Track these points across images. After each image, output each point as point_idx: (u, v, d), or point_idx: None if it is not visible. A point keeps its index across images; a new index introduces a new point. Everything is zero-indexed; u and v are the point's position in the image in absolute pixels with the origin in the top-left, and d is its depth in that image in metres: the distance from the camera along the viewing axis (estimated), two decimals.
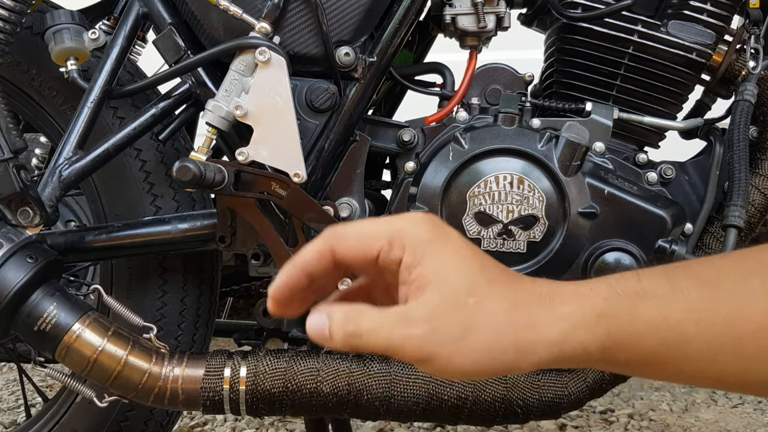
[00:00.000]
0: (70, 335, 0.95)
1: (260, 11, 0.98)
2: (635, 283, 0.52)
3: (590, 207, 0.94)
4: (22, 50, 1.14)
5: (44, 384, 2.17)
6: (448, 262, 0.52)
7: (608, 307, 0.52)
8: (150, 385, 0.97)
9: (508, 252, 0.96)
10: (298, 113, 1.00)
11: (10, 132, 0.99)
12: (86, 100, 1.04)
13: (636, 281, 0.52)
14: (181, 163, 0.89)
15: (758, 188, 1.01)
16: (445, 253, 0.52)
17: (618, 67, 1.03)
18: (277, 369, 0.99)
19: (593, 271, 0.95)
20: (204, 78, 1.03)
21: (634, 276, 0.53)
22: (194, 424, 1.93)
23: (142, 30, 1.12)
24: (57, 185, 1.03)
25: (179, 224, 1.11)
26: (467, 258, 0.53)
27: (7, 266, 0.95)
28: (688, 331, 0.51)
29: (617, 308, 0.51)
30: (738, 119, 0.98)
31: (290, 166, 0.96)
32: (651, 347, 0.52)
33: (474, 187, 0.96)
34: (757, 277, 0.51)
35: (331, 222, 0.98)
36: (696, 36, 1.01)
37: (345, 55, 1.01)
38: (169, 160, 1.15)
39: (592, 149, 1.00)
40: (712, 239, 1.02)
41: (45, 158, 1.64)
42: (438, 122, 1.06)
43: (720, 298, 0.51)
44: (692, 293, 0.51)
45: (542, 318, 0.51)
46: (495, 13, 1.04)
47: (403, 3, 1.02)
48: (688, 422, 1.85)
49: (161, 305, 1.18)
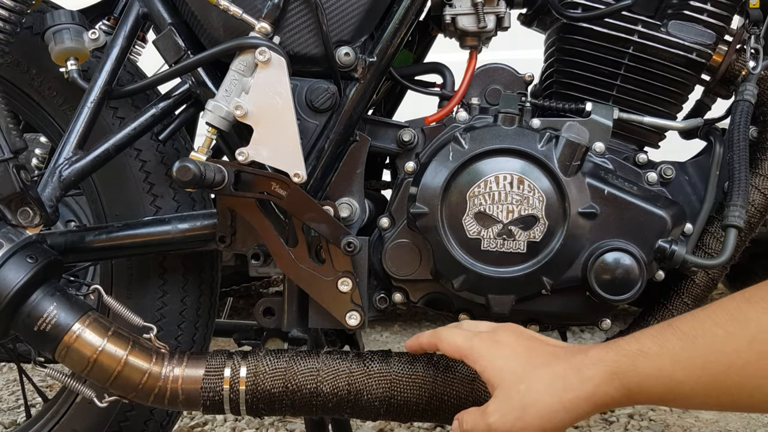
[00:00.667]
0: (70, 335, 0.95)
1: (260, 11, 0.98)
2: (635, 346, 0.73)
3: (590, 207, 0.94)
4: (22, 50, 1.14)
5: (44, 384, 2.17)
6: (503, 366, 0.78)
7: (617, 367, 0.72)
8: (150, 385, 0.97)
9: (508, 252, 0.96)
10: (298, 113, 1.00)
11: (10, 132, 0.99)
12: (86, 100, 1.04)
13: (636, 344, 0.73)
14: (181, 163, 0.89)
15: (758, 188, 1.01)
16: (501, 359, 0.79)
17: (618, 67, 1.03)
18: (277, 369, 0.99)
19: (593, 271, 0.95)
20: (204, 78, 1.03)
21: (635, 339, 0.73)
22: (194, 424, 1.93)
23: (142, 30, 1.12)
24: (57, 185, 1.03)
25: (179, 224, 1.11)
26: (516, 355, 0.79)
27: (7, 266, 0.95)
28: (678, 377, 0.70)
29: (624, 367, 0.72)
30: (738, 119, 0.98)
31: (290, 166, 0.96)
32: (656, 392, 0.71)
33: (474, 187, 0.96)
34: (721, 327, 0.68)
35: (331, 222, 0.98)
36: (696, 36, 1.01)
37: (345, 55, 1.01)
38: (169, 160, 1.15)
39: (592, 149, 1.00)
40: (712, 239, 1.02)
41: (45, 158, 1.64)
42: (438, 122, 1.06)
43: (696, 349, 0.69)
44: (676, 348, 0.70)
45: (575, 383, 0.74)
46: (495, 13, 1.04)
47: (403, 3, 1.02)
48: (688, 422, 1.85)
49: (161, 305, 1.18)
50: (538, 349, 0.80)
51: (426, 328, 2.90)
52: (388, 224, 1.03)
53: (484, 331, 0.85)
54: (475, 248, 0.96)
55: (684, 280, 1.04)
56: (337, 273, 1.01)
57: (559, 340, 0.85)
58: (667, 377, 0.70)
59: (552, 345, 0.81)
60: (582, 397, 0.73)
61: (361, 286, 1.02)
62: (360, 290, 1.02)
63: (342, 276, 1.01)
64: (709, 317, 0.70)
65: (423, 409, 0.99)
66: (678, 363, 0.70)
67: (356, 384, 0.98)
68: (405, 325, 2.96)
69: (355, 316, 1.02)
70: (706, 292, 1.04)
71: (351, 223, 1.04)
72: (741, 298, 0.70)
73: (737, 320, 0.68)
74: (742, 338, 0.67)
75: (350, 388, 0.98)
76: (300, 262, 1.00)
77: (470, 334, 0.85)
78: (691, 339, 0.69)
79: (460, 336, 0.85)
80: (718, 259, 0.95)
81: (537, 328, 1.04)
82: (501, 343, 0.81)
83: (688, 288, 1.03)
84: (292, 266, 1.00)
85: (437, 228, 0.96)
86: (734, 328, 0.68)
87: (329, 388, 0.98)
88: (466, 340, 0.84)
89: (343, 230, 0.98)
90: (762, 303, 0.68)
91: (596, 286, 0.94)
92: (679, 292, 1.04)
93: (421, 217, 0.97)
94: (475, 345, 0.82)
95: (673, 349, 0.70)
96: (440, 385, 0.97)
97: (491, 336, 0.83)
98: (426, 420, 1.02)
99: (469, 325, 0.90)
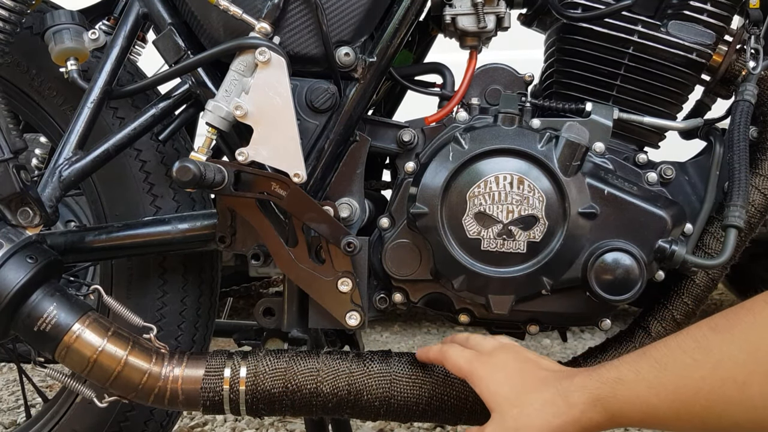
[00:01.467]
0: (70, 335, 0.95)
1: (260, 11, 0.98)
2: (614, 373, 0.78)
3: (590, 207, 0.94)
4: (22, 50, 1.14)
5: (44, 384, 2.17)
6: (498, 390, 0.84)
7: (599, 393, 0.78)
8: (150, 385, 0.97)
9: (508, 252, 0.96)
10: (298, 113, 1.00)
11: (10, 132, 0.99)
12: (86, 101, 1.04)
13: (615, 371, 0.78)
14: (181, 163, 0.89)
15: (758, 188, 1.01)
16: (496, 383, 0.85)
17: (618, 67, 1.03)
18: (277, 369, 0.99)
19: (593, 271, 0.95)
20: (204, 78, 1.03)
21: (615, 367, 0.79)
22: (194, 424, 1.94)
23: (142, 30, 1.12)
24: (57, 185, 1.03)
25: (179, 224, 1.11)
26: (510, 379, 0.84)
27: (7, 266, 0.95)
28: (652, 402, 0.75)
29: (605, 394, 0.78)
30: (738, 119, 0.98)
31: (290, 166, 0.96)
32: (636, 416, 0.77)
33: (474, 187, 0.96)
34: (689, 355, 0.74)
35: (331, 222, 0.98)
36: (696, 36, 1.01)
37: (345, 56, 1.01)
38: (169, 160, 1.15)
39: (592, 149, 1.00)
40: (712, 239, 1.02)
41: (45, 158, 1.64)
42: (438, 122, 1.06)
43: (667, 375, 0.75)
44: (650, 375, 0.76)
45: (563, 408, 0.80)
46: (495, 13, 1.04)
47: (403, 3, 1.02)
48: None
49: (161, 305, 1.18)
50: (531, 373, 0.86)
51: (426, 329, 2.91)
52: (388, 224, 1.03)
53: (486, 353, 0.90)
54: (475, 248, 0.96)
55: (684, 280, 1.04)
56: (337, 273, 1.01)
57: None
58: (643, 402, 0.76)
59: (544, 369, 0.87)
60: (569, 422, 0.79)
61: (361, 286, 1.02)
62: (360, 290, 1.02)
63: (342, 276, 1.01)
64: (679, 345, 0.76)
65: (423, 409, 0.99)
66: (652, 389, 0.76)
67: (356, 384, 0.98)
68: (405, 325, 2.96)
69: (355, 317, 1.02)
70: (706, 292, 1.04)
71: (351, 223, 1.04)
72: (707, 326, 0.75)
73: (703, 348, 0.74)
74: (707, 365, 0.73)
75: (350, 388, 0.98)
76: (300, 263, 1.00)
77: (472, 356, 0.90)
78: (663, 366, 0.75)
79: (463, 358, 0.90)
80: (718, 259, 0.95)
81: (537, 328, 1.04)
82: (497, 366, 0.87)
83: (688, 288, 1.03)
84: (292, 266, 1.00)
85: (437, 228, 0.96)
86: (700, 355, 0.73)
87: (329, 388, 0.98)
88: (468, 363, 0.89)
89: (343, 230, 0.98)
90: (725, 333, 0.73)
91: (596, 286, 0.94)
92: (679, 292, 1.04)
93: (421, 217, 0.97)
94: (475, 369, 0.88)
95: (648, 376, 0.76)
96: (440, 385, 0.98)
97: (489, 359, 0.88)
98: (426, 420, 1.02)
99: (475, 342, 0.93)
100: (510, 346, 0.91)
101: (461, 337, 0.97)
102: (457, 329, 1.05)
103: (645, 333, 1.04)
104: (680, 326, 1.04)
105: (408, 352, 1.03)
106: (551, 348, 2.56)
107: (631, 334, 1.06)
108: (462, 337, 0.97)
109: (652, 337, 1.04)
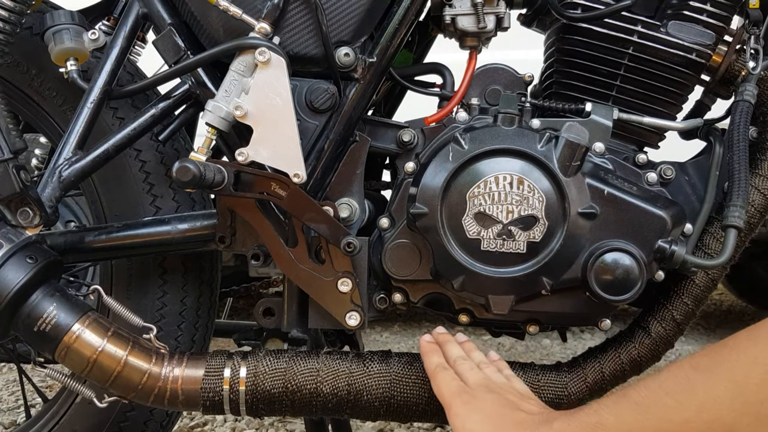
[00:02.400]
0: (70, 336, 0.95)
1: (260, 12, 0.98)
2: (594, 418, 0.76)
3: (590, 207, 0.94)
4: (22, 50, 1.14)
5: (44, 384, 2.17)
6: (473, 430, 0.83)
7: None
8: (150, 385, 0.97)
9: (508, 252, 0.96)
10: (297, 114, 1.00)
11: (10, 132, 0.99)
12: (86, 101, 1.04)
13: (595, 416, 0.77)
14: (180, 163, 0.89)
15: (758, 188, 1.01)
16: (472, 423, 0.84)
17: (618, 67, 1.03)
18: (277, 369, 0.99)
19: (593, 272, 0.95)
20: (204, 78, 1.03)
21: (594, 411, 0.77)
22: (194, 424, 1.93)
23: (142, 30, 1.12)
24: (57, 186, 1.03)
25: (179, 225, 1.11)
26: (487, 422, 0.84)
27: (7, 267, 0.95)
28: None
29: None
30: (738, 119, 0.98)
31: (290, 166, 0.96)
32: None
33: (474, 187, 0.96)
34: (671, 397, 0.71)
35: (331, 222, 0.98)
36: (696, 36, 1.01)
37: (345, 56, 1.01)
38: (169, 160, 1.15)
39: (592, 149, 1.00)
40: (711, 239, 1.02)
41: (45, 158, 1.64)
42: (438, 123, 1.06)
43: (649, 419, 0.72)
44: (631, 419, 0.73)
45: None
46: (495, 13, 1.04)
47: (403, 3, 1.02)
48: None
49: (161, 305, 1.18)
50: (509, 417, 0.84)
51: (426, 329, 2.91)
52: (388, 224, 1.03)
53: (470, 388, 0.89)
54: (474, 248, 0.96)
55: (684, 281, 1.04)
56: (337, 273, 1.01)
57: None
58: None
59: (524, 412, 0.85)
60: None
61: (361, 286, 1.02)
62: (360, 290, 1.02)
63: (342, 276, 1.01)
64: (661, 387, 0.73)
65: (423, 409, 0.99)
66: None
67: (356, 384, 0.98)
68: (405, 325, 2.96)
69: (354, 317, 1.02)
70: (706, 293, 1.04)
71: (351, 223, 1.04)
72: (689, 365, 0.72)
73: (686, 390, 0.70)
74: (691, 408, 0.69)
75: (350, 388, 0.98)
76: (300, 263, 1.00)
77: (457, 389, 0.89)
78: (644, 409, 0.73)
79: (447, 388, 0.90)
80: (718, 259, 0.95)
81: (537, 328, 1.04)
82: (476, 408, 0.86)
83: (688, 288, 1.03)
84: (292, 267, 1.00)
85: (437, 228, 0.96)
86: (683, 397, 0.70)
87: (329, 389, 0.98)
88: (450, 395, 0.89)
89: (342, 230, 0.98)
90: (708, 372, 0.70)
91: (596, 286, 0.94)
92: (679, 292, 1.04)
93: (421, 217, 0.97)
94: (455, 404, 0.87)
95: (629, 420, 0.74)
96: None
97: (471, 399, 0.87)
98: (426, 420, 1.02)
99: (462, 369, 0.93)
100: (494, 386, 0.90)
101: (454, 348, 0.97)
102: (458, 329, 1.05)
103: (645, 333, 1.04)
104: (680, 326, 1.04)
105: (408, 353, 1.03)
106: (551, 348, 2.56)
107: (631, 334, 1.06)
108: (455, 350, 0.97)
109: (651, 338, 1.04)
